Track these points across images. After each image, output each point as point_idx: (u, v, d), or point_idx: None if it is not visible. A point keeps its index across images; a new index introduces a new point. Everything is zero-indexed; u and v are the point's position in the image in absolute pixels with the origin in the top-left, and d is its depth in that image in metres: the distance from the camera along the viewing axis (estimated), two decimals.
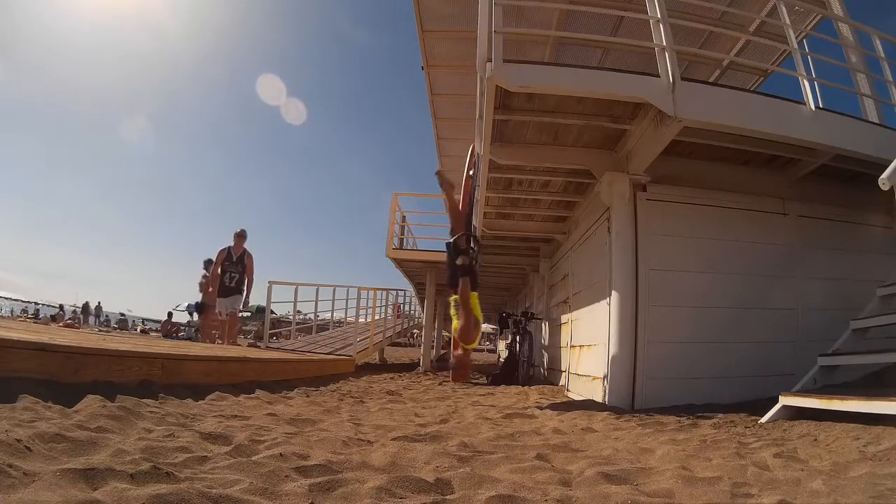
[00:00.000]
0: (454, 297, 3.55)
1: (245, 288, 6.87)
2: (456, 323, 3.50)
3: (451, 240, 3.72)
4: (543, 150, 4.28)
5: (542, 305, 7.29)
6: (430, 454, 1.71)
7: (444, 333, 13.58)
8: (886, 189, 2.49)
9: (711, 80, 5.60)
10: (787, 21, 3.64)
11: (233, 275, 6.79)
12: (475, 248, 3.70)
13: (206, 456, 1.49)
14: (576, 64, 4.67)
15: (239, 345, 7.04)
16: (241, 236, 6.91)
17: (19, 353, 2.18)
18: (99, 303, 22.68)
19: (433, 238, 10.61)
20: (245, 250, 6.87)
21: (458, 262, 3.51)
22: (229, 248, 6.87)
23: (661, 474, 1.55)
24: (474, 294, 3.45)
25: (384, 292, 11.51)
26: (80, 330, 8.88)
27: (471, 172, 4.50)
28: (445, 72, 6.34)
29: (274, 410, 2.58)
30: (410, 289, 13.30)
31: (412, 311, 15.18)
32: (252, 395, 3.07)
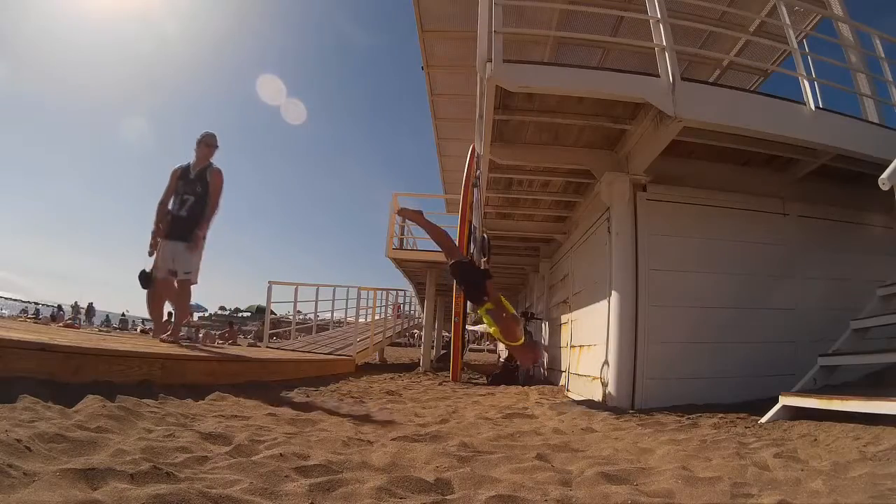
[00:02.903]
0: (484, 307, 3.52)
1: (202, 217, 4.30)
2: (495, 329, 3.49)
3: (452, 262, 3.71)
4: (543, 150, 4.28)
5: (542, 305, 7.29)
6: (430, 454, 1.71)
7: (444, 333, 13.58)
8: (886, 189, 2.49)
9: (711, 80, 5.60)
10: (787, 21, 3.65)
11: (186, 198, 4.29)
12: (487, 250, 3.67)
13: (206, 456, 1.49)
14: (576, 64, 4.68)
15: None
16: (208, 144, 4.43)
17: (19, 353, 2.18)
18: (91, 303, 22.69)
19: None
20: (211, 164, 4.41)
21: (471, 273, 3.49)
22: (189, 163, 4.44)
23: (661, 474, 1.55)
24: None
25: (384, 292, 11.51)
26: (80, 330, 8.85)
27: (478, 173, 4.50)
28: (445, 72, 6.35)
29: (274, 410, 2.58)
30: (410, 289, 13.30)
31: (412, 311, 15.19)
32: (252, 396, 3.07)
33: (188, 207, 4.29)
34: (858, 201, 3.95)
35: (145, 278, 5.07)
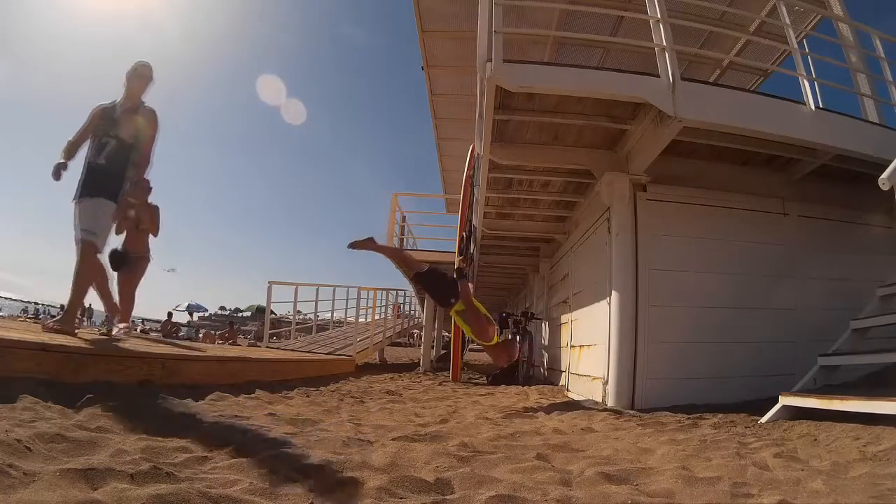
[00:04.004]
0: (455, 309, 3.55)
1: (127, 170, 3.30)
2: (469, 330, 3.55)
3: (413, 274, 3.76)
4: (543, 150, 4.28)
5: (542, 305, 7.29)
6: (430, 454, 1.71)
7: (444, 333, 13.59)
8: (886, 189, 2.49)
9: (711, 80, 5.60)
10: (787, 21, 3.65)
11: (105, 140, 3.30)
12: (464, 249, 3.75)
13: (207, 456, 1.49)
14: (576, 64, 4.68)
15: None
16: (141, 76, 3.47)
17: (19, 353, 2.18)
18: (90, 304, 22.67)
19: (433, 238, 10.66)
20: (143, 103, 3.48)
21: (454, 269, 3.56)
22: (115, 101, 3.46)
23: (661, 474, 1.55)
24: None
25: (384, 292, 11.50)
26: (80, 330, 8.81)
27: (470, 173, 4.52)
28: (445, 72, 6.35)
29: (274, 410, 2.58)
30: (410, 289, 13.30)
31: (412, 311, 15.18)
32: (252, 395, 3.07)
33: (107, 154, 3.24)
34: (858, 201, 3.94)
35: (117, 258, 4.36)
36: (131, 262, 4.55)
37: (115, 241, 4.30)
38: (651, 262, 3.67)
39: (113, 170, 3.25)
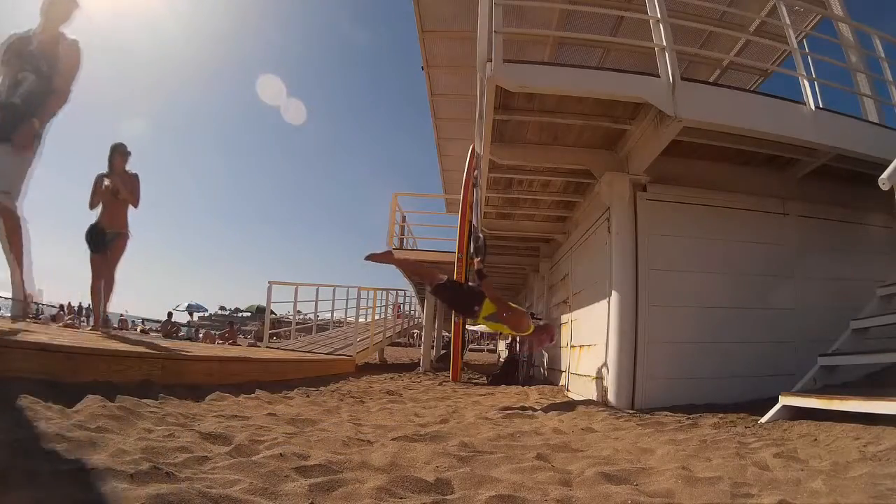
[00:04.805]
0: (482, 315, 3.55)
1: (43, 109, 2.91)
2: (505, 328, 3.58)
3: (433, 287, 3.78)
4: (543, 150, 4.28)
5: (542, 305, 7.29)
6: (430, 454, 1.71)
7: (444, 333, 13.59)
8: (886, 189, 2.49)
9: (711, 80, 5.60)
10: (787, 21, 3.65)
11: (22, 76, 2.93)
12: (482, 251, 3.80)
13: (206, 456, 1.49)
14: (576, 64, 4.68)
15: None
16: (61, 4, 3.10)
17: (19, 353, 2.18)
18: (90, 304, 22.61)
19: (433, 238, 10.67)
20: (63, 35, 3.09)
21: (473, 272, 3.57)
22: (31, 31, 3.07)
23: (661, 474, 1.55)
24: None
25: (384, 292, 11.49)
26: (80, 330, 8.81)
27: (476, 173, 4.53)
28: (445, 72, 6.36)
29: (274, 410, 2.58)
30: (410, 289, 13.30)
31: (412, 311, 15.18)
32: (252, 395, 3.07)
33: (24, 92, 2.85)
34: (858, 201, 3.95)
35: (95, 237, 3.97)
36: (108, 241, 4.16)
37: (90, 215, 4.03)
38: (651, 262, 3.67)
39: (28, 110, 2.85)
